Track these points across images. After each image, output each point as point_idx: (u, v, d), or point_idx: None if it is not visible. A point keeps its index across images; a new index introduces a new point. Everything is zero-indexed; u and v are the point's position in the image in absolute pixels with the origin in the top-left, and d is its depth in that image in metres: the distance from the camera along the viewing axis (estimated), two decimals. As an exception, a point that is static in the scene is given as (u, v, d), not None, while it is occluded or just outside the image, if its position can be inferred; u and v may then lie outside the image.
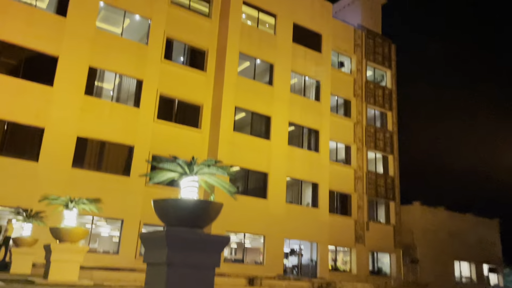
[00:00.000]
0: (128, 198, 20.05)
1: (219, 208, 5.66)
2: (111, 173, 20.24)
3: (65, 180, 18.49)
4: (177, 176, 5.81)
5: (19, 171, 17.97)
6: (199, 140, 23.19)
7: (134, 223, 20.16)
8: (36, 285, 8.40)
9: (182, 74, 23.32)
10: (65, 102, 19.52)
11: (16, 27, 18.89)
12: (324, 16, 29.17)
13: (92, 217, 19.45)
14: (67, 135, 19.29)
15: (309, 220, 25.16)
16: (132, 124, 21.08)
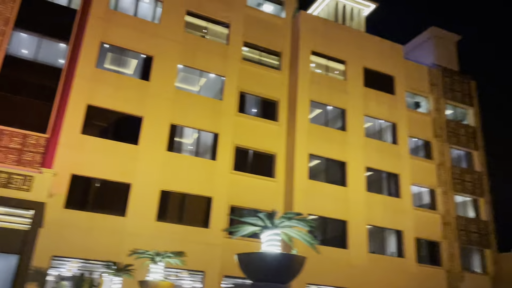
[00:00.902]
0: (208, 250, 20.38)
1: (302, 261, 5.54)
2: (192, 225, 20.84)
3: (150, 233, 19.33)
4: (259, 229, 5.83)
5: (109, 226, 19.16)
6: (274, 189, 23.27)
7: (215, 275, 20.32)
8: None
9: (255, 125, 23.99)
10: (149, 158, 20.83)
11: (106, 93, 20.92)
12: (394, 58, 28.81)
13: (175, 269, 19.94)
14: (151, 189, 20.40)
15: (395, 271, 23.60)
16: (210, 176, 21.81)
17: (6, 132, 17.32)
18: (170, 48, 22.96)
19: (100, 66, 21.53)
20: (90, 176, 19.71)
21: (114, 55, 22.32)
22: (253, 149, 23.64)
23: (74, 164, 19.24)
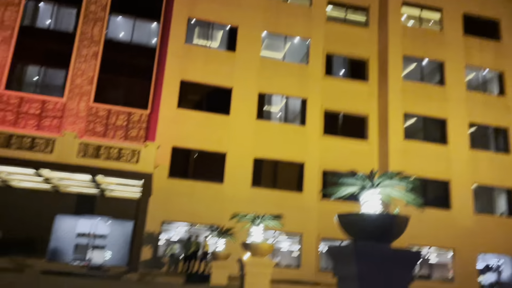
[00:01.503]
0: (304, 213, 20.74)
1: (405, 221, 5.39)
2: (286, 190, 21.28)
3: (247, 199, 20.17)
4: (357, 190, 5.75)
5: (209, 193, 20.36)
6: (367, 152, 22.66)
7: (312, 237, 20.71)
8: (235, 296, 9.26)
9: (344, 87, 23.32)
10: (241, 127, 21.48)
11: (196, 67, 21.77)
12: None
13: (273, 233, 20.69)
14: (245, 157, 21.13)
15: (506, 232, 21.89)
16: (301, 142, 21.89)
17: (113, 111, 19.00)
18: (253, 16, 23.01)
19: (189, 41, 22.37)
20: (188, 148, 20.98)
21: (201, 29, 23.01)
22: (343, 112, 23.10)
23: (173, 137, 20.59)
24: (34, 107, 17.20)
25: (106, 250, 20.07)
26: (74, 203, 20.30)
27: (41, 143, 15.98)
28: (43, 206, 19.10)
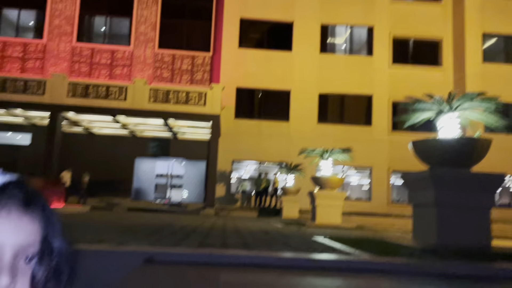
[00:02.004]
0: (373, 147, 20.36)
1: (486, 145, 5.09)
2: (353, 124, 20.87)
3: (313, 135, 20.11)
4: (433, 115, 5.47)
5: (276, 131, 20.55)
6: (441, 79, 21.25)
7: (382, 170, 20.44)
8: (308, 227, 9.57)
9: (414, 11, 21.58)
10: (304, 63, 20.97)
11: (255, 3, 21.19)
12: None
13: (342, 167, 20.65)
14: (310, 93, 20.80)
15: None
16: (368, 73, 21.00)
17: (178, 56, 19.32)
18: None
19: (246, -23, 21.63)
20: (252, 87, 21.03)
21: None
22: (414, 38, 21.57)
23: (237, 78, 20.68)
24: (104, 57, 17.97)
25: (183, 189, 21.39)
26: (150, 146, 21.55)
27: (115, 91, 16.84)
28: (123, 150, 20.51)
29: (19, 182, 0.69)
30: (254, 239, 5.73)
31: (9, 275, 0.62)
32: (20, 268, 0.64)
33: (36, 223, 0.67)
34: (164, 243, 4.76)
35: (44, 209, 0.69)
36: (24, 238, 0.65)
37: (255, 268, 3.67)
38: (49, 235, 0.68)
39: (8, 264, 0.62)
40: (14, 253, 0.63)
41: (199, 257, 3.90)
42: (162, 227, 7.27)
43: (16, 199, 0.66)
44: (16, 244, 0.63)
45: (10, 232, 0.63)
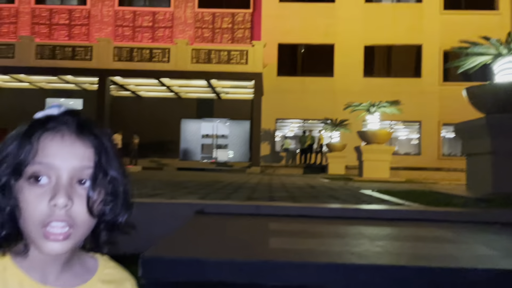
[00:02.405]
0: (423, 99, 19.57)
1: (550, 89, 4.72)
2: (401, 76, 20.06)
3: (359, 90, 19.55)
4: (490, 59, 5.12)
5: (319, 87, 20.16)
6: (497, 24, 19.70)
7: (432, 124, 19.72)
8: (355, 181, 9.49)
9: (468, -50, 19.88)
10: (348, 14, 20.10)
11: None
12: None
13: (389, 122, 20.08)
14: (355, 46, 20.06)
15: None
16: (417, 22, 19.86)
17: (218, 14, 19.12)
18: None
19: None
20: (294, 43, 20.54)
21: None
22: (468, -20, 20.00)
23: (278, 34, 20.22)
24: (146, 19, 18.10)
25: (229, 149, 21.77)
26: (195, 107, 21.88)
27: (158, 53, 17.03)
28: (169, 112, 20.98)
29: (72, 112, 0.72)
30: (301, 192, 5.77)
31: (65, 195, 0.65)
32: (76, 190, 0.67)
33: (89, 149, 0.69)
34: (213, 197, 4.90)
35: (97, 137, 0.71)
36: (78, 162, 0.68)
37: (302, 219, 3.71)
38: (103, 161, 0.71)
39: (64, 185, 0.66)
40: (69, 175, 0.67)
41: (247, 208, 3.99)
42: (211, 183, 7.48)
43: (69, 126, 0.69)
44: (70, 167, 0.67)
45: (65, 156, 0.67)
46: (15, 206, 0.65)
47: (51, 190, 0.65)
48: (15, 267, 0.68)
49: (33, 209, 0.64)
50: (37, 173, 0.65)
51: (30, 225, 0.65)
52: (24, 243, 0.68)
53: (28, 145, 0.66)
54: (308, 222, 3.54)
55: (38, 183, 0.65)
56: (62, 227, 0.65)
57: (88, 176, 0.69)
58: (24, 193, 0.65)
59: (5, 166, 0.66)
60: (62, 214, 0.65)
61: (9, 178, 0.66)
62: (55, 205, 0.64)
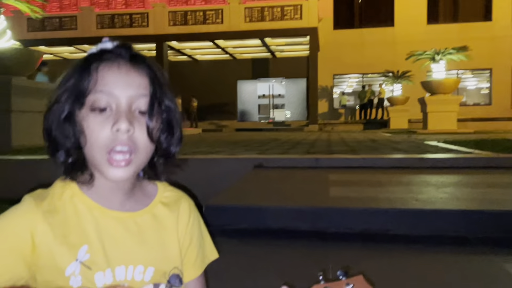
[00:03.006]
0: (493, 45, 18.04)
1: None
2: (469, 21, 18.51)
3: (422, 39, 18.33)
4: None
5: (379, 38, 19.19)
6: None
7: (505, 70, 18.21)
8: (418, 134, 9.10)
9: None
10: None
11: None
12: None
13: (456, 71, 18.82)
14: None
15: None
16: (488, -42, 18.03)
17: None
18: None
19: None
20: (351, -7, 19.57)
21: None
22: None
23: (333, -16, 19.33)
24: (198, -19, 17.98)
25: (286, 108, 21.63)
26: (250, 68, 21.80)
27: (211, 15, 16.99)
28: (225, 74, 21.10)
29: (125, 45, 0.75)
30: (361, 146, 5.64)
31: (127, 121, 0.68)
32: (135, 118, 0.70)
33: (144, 79, 0.72)
34: (272, 152, 4.93)
35: (150, 68, 0.74)
36: (135, 90, 0.70)
37: (363, 170, 3.64)
38: (157, 91, 0.73)
39: (125, 112, 0.69)
40: (127, 103, 0.69)
41: (306, 162, 3.98)
42: (268, 141, 7.53)
43: (123, 57, 0.72)
44: (128, 95, 0.70)
45: (122, 84, 0.70)
46: (80, 134, 0.69)
47: (113, 116, 0.68)
48: (82, 194, 0.73)
49: (97, 135, 0.67)
50: (98, 101, 0.68)
51: (95, 151, 0.68)
52: (90, 172, 0.72)
53: (88, 75, 0.69)
54: (370, 173, 3.47)
55: (100, 111, 0.68)
56: (125, 152, 0.68)
57: (145, 105, 0.71)
58: (87, 120, 0.68)
59: (67, 96, 0.70)
60: (125, 138, 0.68)
61: (73, 107, 0.69)
62: (118, 130, 0.67)
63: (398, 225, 2.09)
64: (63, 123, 0.69)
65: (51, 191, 0.73)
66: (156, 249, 0.75)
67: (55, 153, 0.71)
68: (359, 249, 1.93)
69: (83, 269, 0.68)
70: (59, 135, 0.70)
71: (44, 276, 0.67)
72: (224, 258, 0.92)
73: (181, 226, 0.81)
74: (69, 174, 0.72)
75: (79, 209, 0.72)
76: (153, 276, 0.74)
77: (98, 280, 0.69)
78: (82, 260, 0.68)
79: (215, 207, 2.35)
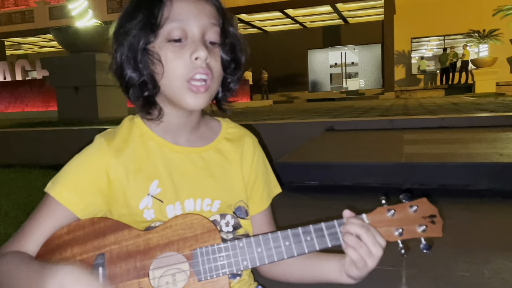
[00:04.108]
0: None
1: None
2: None
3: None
4: None
5: (462, -4, 17.62)
6: None
7: None
8: (507, 96, 8.34)
9: None
10: None
11: None
12: None
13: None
14: None
15: None
16: None
17: None
18: None
19: None
20: None
21: None
22: None
23: None
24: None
25: (359, 76, 20.87)
26: (321, 36, 21.21)
27: (280, -16, 16.69)
28: (296, 45, 20.75)
29: None
30: (441, 109, 5.30)
31: (205, 49, 0.69)
32: (210, 47, 0.72)
33: (213, 8, 0.74)
34: (344, 117, 4.82)
35: (219, 2, 0.76)
36: (208, 19, 0.72)
37: (442, 130, 3.43)
38: (226, 21, 0.75)
39: (202, 40, 0.70)
40: (202, 32, 0.71)
41: (379, 124, 3.84)
42: (341, 108, 7.36)
43: None
44: (202, 24, 0.71)
45: (196, 13, 0.71)
46: (156, 65, 0.70)
47: (190, 45, 0.69)
48: (150, 131, 0.76)
49: (175, 65, 0.69)
50: (175, 30, 0.69)
51: (174, 80, 0.70)
52: (158, 108, 0.74)
53: (160, 5, 0.70)
54: (449, 132, 3.27)
55: (177, 40, 0.69)
56: (203, 79, 0.70)
57: (215, 35, 0.73)
58: (165, 51, 0.69)
59: (140, 27, 0.70)
60: (204, 66, 0.69)
61: (148, 39, 0.70)
62: (196, 58, 0.69)
63: (478, 179, 1.96)
64: (139, 56, 0.70)
65: (119, 130, 0.76)
66: (221, 182, 0.78)
67: (129, 89, 0.73)
68: (435, 203, 1.85)
69: (155, 202, 0.72)
70: (133, 70, 0.71)
71: (119, 210, 0.72)
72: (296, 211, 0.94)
73: (245, 162, 0.83)
74: (142, 110, 0.75)
75: (148, 145, 0.75)
76: (220, 207, 0.76)
77: (169, 212, 0.72)
78: (154, 194, 0.72)
79: (284, 164, 2.37)
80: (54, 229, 0.68)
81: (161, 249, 0.65)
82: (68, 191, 0.70)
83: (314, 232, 0.66)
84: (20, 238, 0.70)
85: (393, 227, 0.60)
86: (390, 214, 0.61)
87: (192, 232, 0.66)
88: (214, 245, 0.65)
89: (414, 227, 0.59)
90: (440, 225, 0.59)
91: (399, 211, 0.60)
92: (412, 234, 0.59)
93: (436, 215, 0.59)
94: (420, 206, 0.60)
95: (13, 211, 2.50)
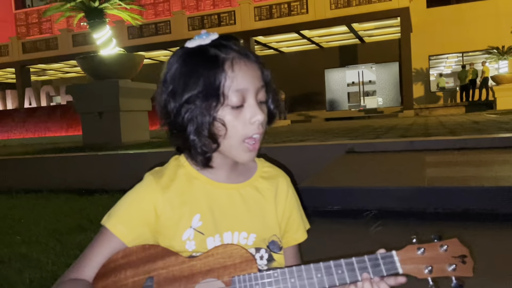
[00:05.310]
0: None
1: None
2: None
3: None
4: None
5: (480, 13, 17.55)
6: None
7: None
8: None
9: None
10: None
11: None
12: None
13: None
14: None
15: None
16: None
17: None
18: None
19: None
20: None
21: None
22: None
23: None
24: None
25: (377, 94, 20.79)
26: (338, 56, 21.32)
27: (296, 6, 16.93)
28: (312, 64, 20.88)
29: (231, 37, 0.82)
30: (462, 128, 5.26)
31: (262, 112, 0.78)
32: (261, 107, 0.80)
33: (259, 71, 0.81)
34: (364, 138, 4.82)
35: (258, 59, 0.82)
36: (258, 83, 0.80)
37: (464, 151, 3.41)
38: (267, 78, 0.83)
39: (258, 104, 0.79)
40: (255, 95, 0.79)
41: (400, 145, 3.84)
42: (360, 128, 7.35)
43: (241, 52, 0.79)
44: (255, 88, 0.79)
45: (251, 79, 0.78)
46: (219, 129, 0.77)
47: (248, 109, 0.77)
48: (194, 170, 0.84)
49: (237, 128, 0.77)
50: (237, 99, 0.77)
51: (234, 141, 0.78)
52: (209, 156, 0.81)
53: (224, 74, 0.76)
54: (471, 153, 3.24)
55: (239, 107, 0.77)
56: (257, 139, 0.79)
57: (263, 95, 0.81)
58: (228, 116, 0.77)
59: (204, 97, 0.76)
60: (260, 127, 0.79)
61: (215, 110, 0.76)
62: (255, 122, 0.77)
63: (505, 204, 1.94)
64: (207, 125, 0.76)
65: (167, 169, 0.84)
66: (257, 217, 0.84)
67: (190, 149, 0.80)
68: (459, 228, 1.84)
69: (197, 235, 0.79)
70: (195, 133, 0.77)
71: (164, 241, 0.79)
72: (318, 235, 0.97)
73: (279, 199, 0.89)
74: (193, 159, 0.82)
75: (192, 183, 0.83)
76: (255, 241, 0.82)
77: (209, 244, 0.79)
78: (196, 226, 0.79)
79: (306, 189, 2.39)
80: (108, 256, 0.77)
81: (203, 276, 0.72)
82: (121, 225, 0.79)
83: (345, 265, 0.69)
84: (80, 265, 0.78)
85: (423, 265, 0.63)
86: (420, 252, 0.63)
87: (232, 261, 0.72)
88: (251, 274, 0.71)
89: (444, 265, 0.61)
90: (471, 265, 0.61)
91: (429, 249, 0.63)
92: (442, 273, 0.61)
93: (467, 255, 0.62)
94: (450, 246, 0.63)
95: (44, 237, 2.58)
